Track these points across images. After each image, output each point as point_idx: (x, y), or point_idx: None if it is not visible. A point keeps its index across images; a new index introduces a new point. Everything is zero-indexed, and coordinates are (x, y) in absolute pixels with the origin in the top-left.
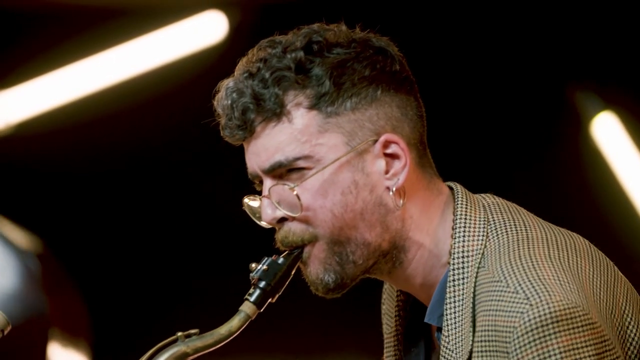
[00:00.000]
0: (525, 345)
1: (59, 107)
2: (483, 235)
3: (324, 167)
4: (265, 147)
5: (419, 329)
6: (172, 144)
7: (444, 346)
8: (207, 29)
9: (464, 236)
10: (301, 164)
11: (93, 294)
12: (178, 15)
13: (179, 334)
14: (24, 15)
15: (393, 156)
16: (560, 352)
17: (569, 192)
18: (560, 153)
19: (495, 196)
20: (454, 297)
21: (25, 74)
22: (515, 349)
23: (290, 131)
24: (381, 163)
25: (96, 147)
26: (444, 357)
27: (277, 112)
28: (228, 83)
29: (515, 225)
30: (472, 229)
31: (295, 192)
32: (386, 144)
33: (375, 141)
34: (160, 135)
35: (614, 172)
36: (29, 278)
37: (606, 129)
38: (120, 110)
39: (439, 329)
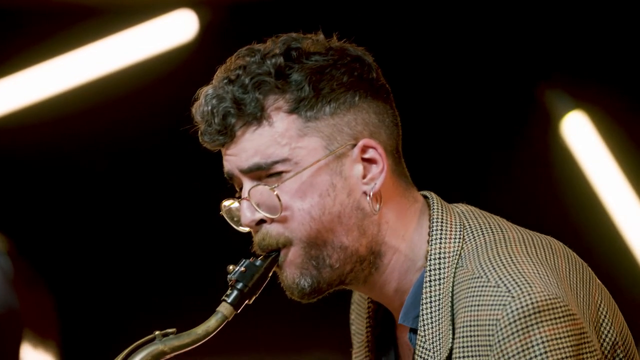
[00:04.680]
0: (508, 336)
1: (26, 106)
2: (459, 238)
3: (303, 170)
4: (245, 149)
5: (389, 339)
6: (143, 142)
7: (419, 346)
8: (178, 28)
9: (440, 239)
10: (280, 167)
11: (63, 293)
12: (149, 14)
13: (157, 332)
14: None
15: (370, 161)
16: (543, 342)
17: (538, 193)
18: (530, 153)
19: (469, 205)
20: (431, 296)
21: None
22: (498, 341)
23: (271, 134)
24: (359, 168)
25: (65, 144)
26: (421, 357)
27: (258, 116)
28: (207, 90)
29: (491, 227)
30: (448, 233)
31: (275, 192)
32: (364, 149)
33: (354, 145)
34: (131, 134)
35: (584, 172)
36: (0, 276)
37: (576, 128)
38: (90, 109)
39: (413, 331)
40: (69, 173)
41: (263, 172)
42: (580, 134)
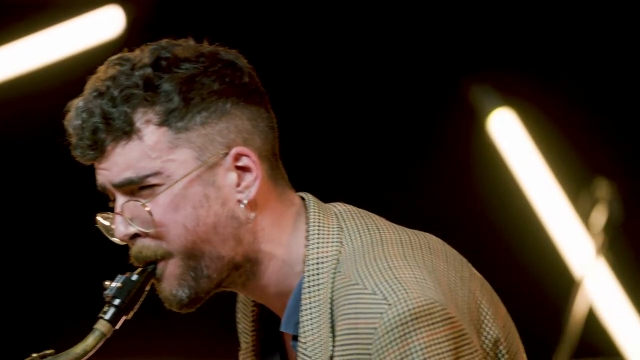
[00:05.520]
0: (386, 345)
1: None
2: (337, 242)
3: (175, 182)
4: (116, 164)
5: (274, 342)
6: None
7: (301, 353)
8: (105, 24)
9: (317, 244)
10: (152, 180)
11: None
12: (76, 9)
13: (34, 355)
14: None
15: (244, 169)
16: (422, 349)
17: (462, 193)
18: (453, 151)
19: (346, 204)
20: (310, 303)
21: None
22: (377, 350)
23: (141, 148)
24: (232, 176)
25: None
26: None
27: (127, 131)
28: (78, 103)
29: (368, 228)
30: (325, 236)
31: (147, 209)
32: (237, 157)
33: (226, 154)
34: (51, 131)
35: (510, 171)
36: None
37: (503, 126)
38: (15, 104)
39: (295, 338)
40: None
41: (135, 186)
42: (507, 131)
